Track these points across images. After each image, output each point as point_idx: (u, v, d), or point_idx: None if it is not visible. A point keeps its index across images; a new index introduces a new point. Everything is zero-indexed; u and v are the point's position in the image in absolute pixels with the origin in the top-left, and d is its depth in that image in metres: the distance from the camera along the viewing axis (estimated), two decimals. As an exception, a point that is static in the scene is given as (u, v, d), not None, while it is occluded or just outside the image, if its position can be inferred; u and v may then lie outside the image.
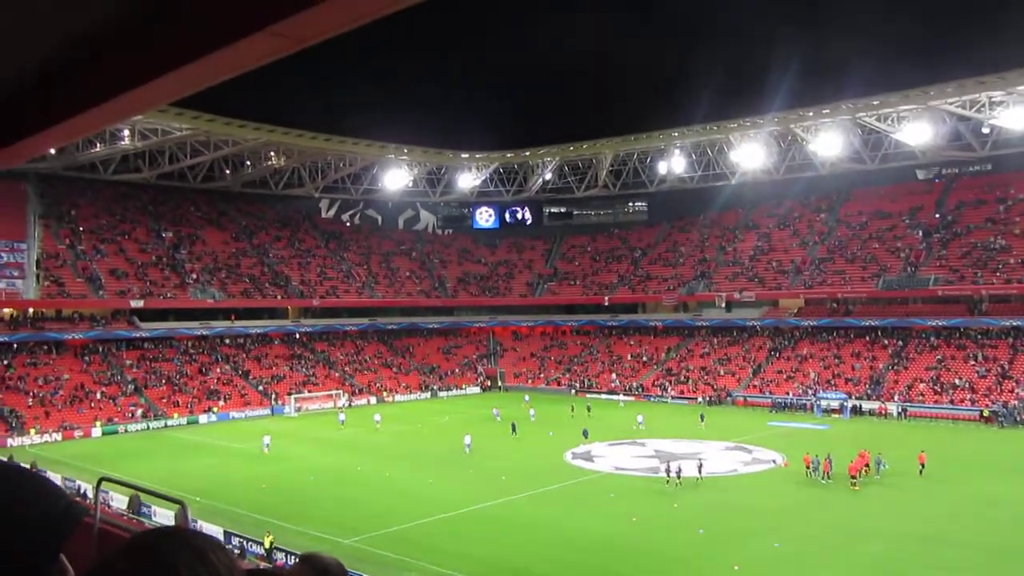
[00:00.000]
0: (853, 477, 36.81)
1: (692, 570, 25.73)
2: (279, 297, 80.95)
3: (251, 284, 79.95)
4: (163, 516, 30.94)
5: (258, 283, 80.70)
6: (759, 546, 28.15)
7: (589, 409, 62.68)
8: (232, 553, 1.61)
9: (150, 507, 32.79)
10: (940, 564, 25.75)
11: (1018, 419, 56.14)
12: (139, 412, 62.48)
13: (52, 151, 69.38)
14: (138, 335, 71.24)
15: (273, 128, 76.04)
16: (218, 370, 72.56)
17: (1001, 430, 54.41)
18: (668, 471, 38.38)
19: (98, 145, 72.56)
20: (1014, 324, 65.74)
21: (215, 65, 3.16)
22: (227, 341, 77.24)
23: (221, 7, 2.95)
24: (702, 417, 58.35)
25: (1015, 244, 69.58)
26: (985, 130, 72.23)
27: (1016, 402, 58.09)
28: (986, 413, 57.51)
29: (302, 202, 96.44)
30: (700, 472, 39.03)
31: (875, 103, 72.87)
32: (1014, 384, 60.72)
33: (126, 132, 71.83)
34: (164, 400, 65.28)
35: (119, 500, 32.77)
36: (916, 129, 72.88)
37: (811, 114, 76.65)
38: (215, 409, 65.77)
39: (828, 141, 77.83)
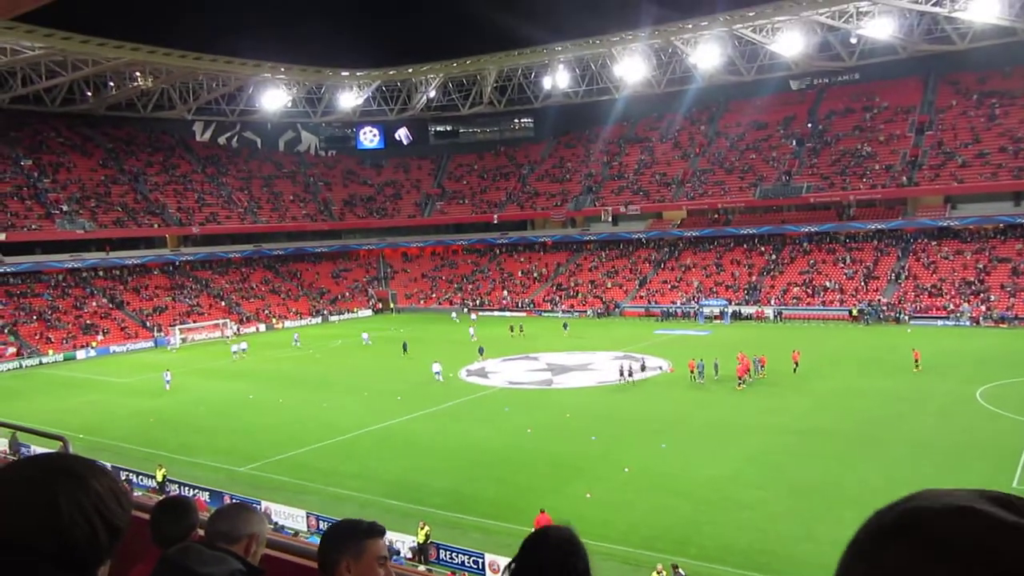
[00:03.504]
0: (740, 378, 38.95)
1: (586, 476, 26.79)
2: (156, 226, 77.57)
3: (124, 213, 76.15)
4: (46, 457, 29.80)
5: (132, 212, 76.94)
6: (647, 448, 29.52)
7: (521, 329, 62.43)
8: (118, 478, 1.56)
9: (29, 447, 31.54)
10: (811, 452, 27.69)
11: (882, 316, 60.21)
12: (10, 350, 59.37)
13: None
14: (2, 270, 67.13)
15: (137, 46, 70.83)
16: (94, 303, 69.43)
17: (867, 327, 58.28)
18: (622, 373, 41.38)
19: (-61, 66, 66.58)
20: (878, 227, 69.93)
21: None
22: (101, 273, 73.80)
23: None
24: (565, 326, 61.91)
25: (880, 151, 73.32)
26: (853, 40, 74.92)
27: (880, 300, 62.19)
28: (854, 312, 61.39)
29: (174, 125, 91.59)
30: (643, 371, 42.85)
31: (751, 14, 74.21)
32: (879, 284, 64.91)
33: (-30, 52, 65.99)
34: (37, 337, 62.17)
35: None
36: (789, 40, 74.87)
37: (690, 26, 77.46)
38: (94, 344, 63.13)
39: (707, 53, 79.08)
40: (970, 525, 0.67)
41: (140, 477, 28.20)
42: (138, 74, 78.28)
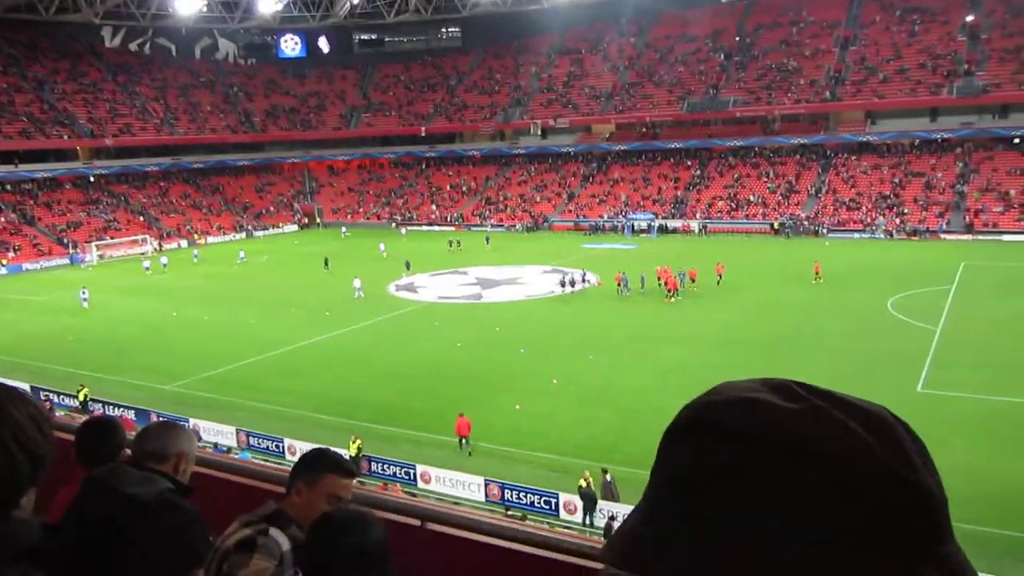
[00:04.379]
0: (671, 292, 39.72)
1: (515, 388, 27.29)
2: (66, 137, 73.89)
3: (30, 123, 72.26)
4: (-40, 378, 28.89)
5: (38, 122, 73.07)
6: (575, 360, 30.13)
7: (459, 244, 61.90)
8: (38, 403, 1.51)
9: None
10: (732, 362, 28.65)
11: (802, 230, 61.89)
12: (-86, 270, 56.70)
13: None
14: (-100, 184, 63.47)
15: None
16: (2, 219, 66.36)
17: (788, 240, 59.92)
18: (563, 283, 43.19)
19: None
20: (802, 142, 71.21)
21: None
22: (8, 187, 70.38)
23: None
24: (487, 240, 63.16)
25: (806, 65, 74.06)
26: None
27: (801, 214, 63.81)
28: (775, 225, 62.92)
29: (80, 29, 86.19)
30: (584, 282, 43.75)
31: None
32: (799, 198, 66.48)
33: None
34: (-58, 255, 59.39)
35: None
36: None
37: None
38: (4, 261, 60.58)
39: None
40: (749, 413, 0.74)
41: (61, 397, 27.61)
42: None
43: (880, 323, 33.63)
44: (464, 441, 22.73)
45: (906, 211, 60.91)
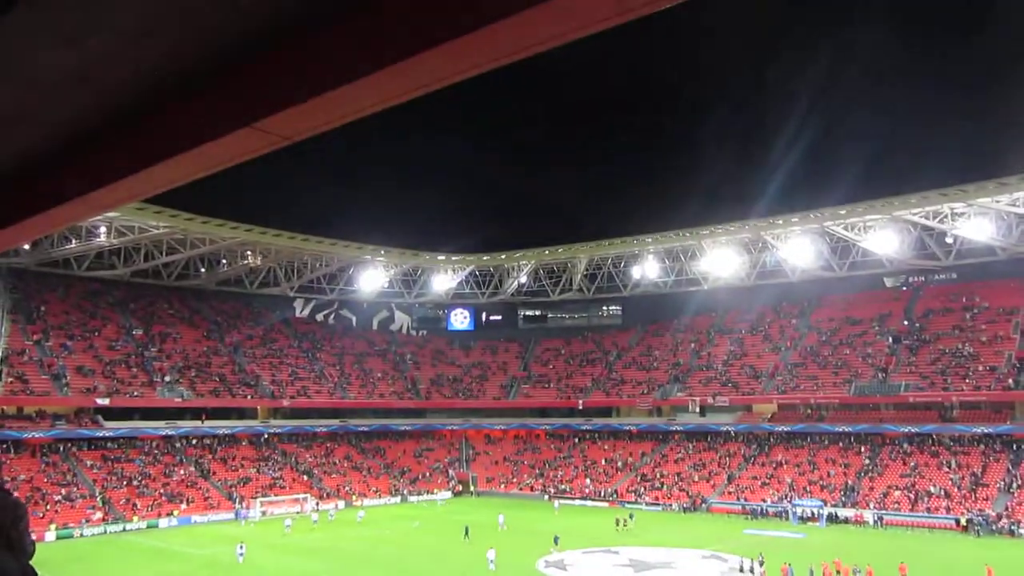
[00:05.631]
0: None
1: None
2: (249, 397, 79.67)
3: (220, 383, 78.73)
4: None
5: (228, 383, 79.51)
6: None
7: (629, 520, 58.94)
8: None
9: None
10: None
11: (994, 528, 55.71)
12: (97, 515, 60.28)
13: (26, 246, 69.19)
14: (101, 435, 69.46)
15: (251, 227, 76.42)
16: (182, 471, 70.58)
17: (978, 539, 53.87)
18: (742, 568, 41.86)
19: (73, 241, 72.51)
20: (985, 431, 66.08)
21: (202, 159, 3.21)
22: (193, 442, 75.52)
23: (209, 102, 3.02)
24: (622, 521, 57.68)
25: (982, 351, 70.58)
26: (949, 240, 74.27)
27: (991, 510, 57.78)
28: (963, 521, 57.06)
29: (277, 301, 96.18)
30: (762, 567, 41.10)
31: (842, 212, 74.94)
32: (988, 492, 60.57)
33: (103, 229, 71.88)
34: (124, 503, 63.13)
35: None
36: (882, 238, 74.81)
37: (780, 222, 78.53)
38: (176, 512, 63.62)
39: (797, 248, 79.54)
40: None
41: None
42: (249, 253, 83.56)
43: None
44: None
45: (1119, 514, 53.98)
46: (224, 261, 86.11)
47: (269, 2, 2.59)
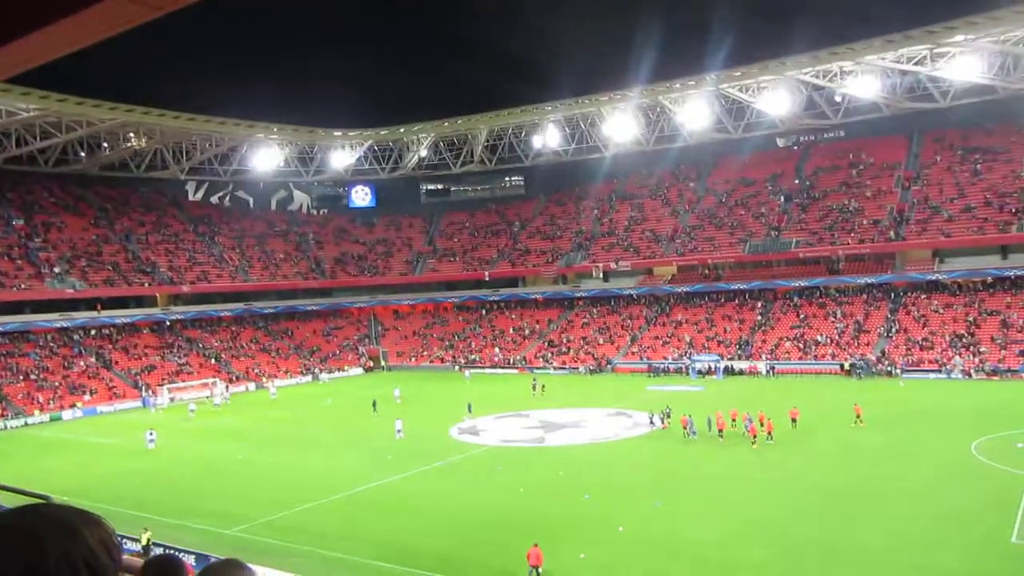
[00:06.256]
0: (754, 437, 38.22)
1: (581, 535, 26.33)
2: (146, 285, 77.27)
3: (115, 272, 75.95)
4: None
5: (122, 271, 76.76)
6: (642, 506, 29.11)
7: (544, 388, 59.86)
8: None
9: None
10: (810, 511, 27.33)
11: (874, 370, 60.15)
12: (-4, 413, 58.61)
13: None
14: (-10, 330, 66.68)
15: (131, 108, 71.48)
16: (82, 363, 68.81)
17: (860, 381, 58.14)
18: (652, 421, 43.82)
19: (-67, 127, 67.01)
20: (868, 281, 70.35)
21: (63, 33, 2.92)
22: (92, 333, 73.37)
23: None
24: (534, 387, 59.88)
25: (867, 206, 74.13)
26: (837, 99, 76.27)
27: (872, 355, 62.20)
28: (846, 366, 61.34)
29: (167, 185, 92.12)
30: (668, 418, 43.52)
31: (736, 74, 75.62)
32: (869, 337, 65.03)
33: (-36, 113, 66.44)
34: (23, 397, 61.45)
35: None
36: (775, 98, 76.18)
37: (677, 86, 78.81)
38: (80, 404, 62.41)
39: (694, 112, 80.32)
40: None
41: (125, 540, 27.56)
42: (132, 135, 78.88)
43: (965, 468, 31.85)
44: (536, 572, 21.99)
45: (983, 350, 58.91)
46: (106, 144, 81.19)
47: None
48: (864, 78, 71.40)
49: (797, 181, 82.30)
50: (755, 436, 38.13)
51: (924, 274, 68.46)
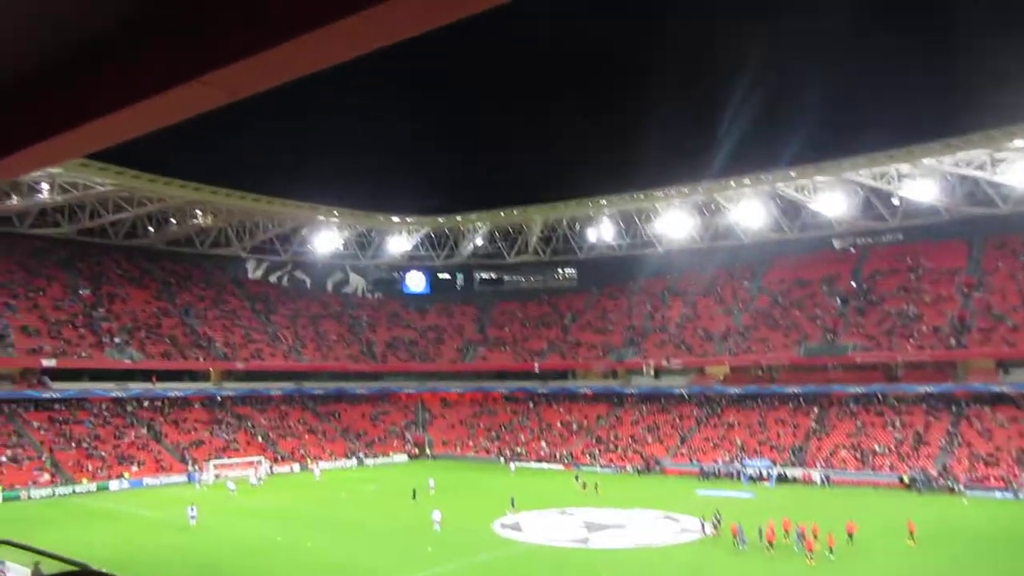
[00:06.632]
0: (810, 552, 36.15)
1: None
2: (201, 359, 78.58)
3: (172, 345, 77.50)
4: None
5: (179, 344, 78.28)
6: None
7: (593, 485, 58.44)
8: None
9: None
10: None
11: (935, 485, 57.59)
12: (45, 477, 59.31)
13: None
14: (48, 396, 68.13)
15: (200, 186, 74.70)
16: (133, 434, 69.67)
17: (920, 496, 55.64)
18: (703, 527, 41.79)
19: (14, 197, 70.29)
20: (928, 391, 68.12)
21: (144, 114, 3.00)
22: (145, 404, 74.49)
23: (152, 55, 2.80)
24: (580, 484, 58.88)
25: (927, 312, 72.44)
26: (895, 201, 75.76)
27: (932, 468, 59.67)
28: (905, 479, 58.88)
29: (229, 262, 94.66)
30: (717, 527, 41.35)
31: (792, 174, 75.85)
32: (930, 450, 62.53)
33: (45, 185, 69.76)
34: (73, 465, 62.18)
35: (19, 573, 30.72)
36: (831, 200, 75.99)
37: (732, 184, 79.24)
38: (127, 475, 62.88)
39: (750, 211, 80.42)
40: None
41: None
42: (199, 212, 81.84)
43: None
44: None
45: (1053, 470, 56.11)
46: (174, 220, 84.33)
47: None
48: (922, 181, 71.01)
49: (854, 284, 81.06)
50: (811, 550, 36.31)
51: (988, 385, 66.11)
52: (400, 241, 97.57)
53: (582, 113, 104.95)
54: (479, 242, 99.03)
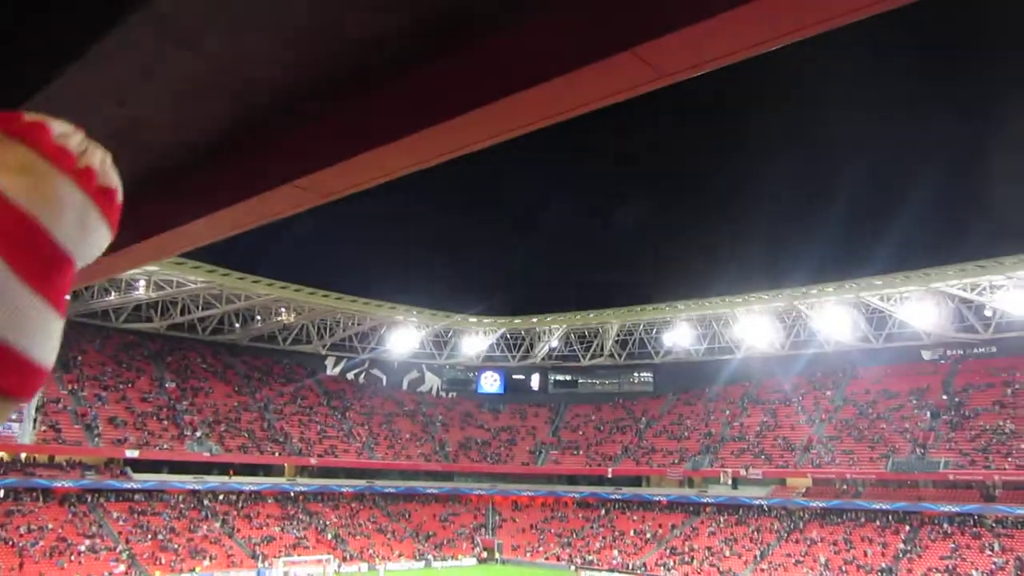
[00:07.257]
0: None
1: None
2: (277, 454, 79.54)
3: (249, 439, 78.80)
4: None
5: (256, 439, 79.55)
6: None
7: None
8: None
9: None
10: None
11: (1040, 617, 53.43)
12: (120, 568, 60.05)
13: (67, 296, 70.52)
14: (129, 487, 69.63)
15: (286, 285, 77.49)
16: (206, 527, 70.28)
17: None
18: None
19: (112, 293, 73.90)
20: (1030, 514, 63.93)
21: (242, 215, 3.26)
22: (220, 498, 75.30)
23: (251, 159, 3.08)
24: None
25: (1025, 430, 68.71)
26: (988, 313, 73.08)
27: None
28: (1006, 609, 54.80)
29: (308, 358, 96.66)
30: None
31: (878, 283, 74.20)
32: (1033, 578, 58.27)
33: (142, 282, 73.27)
34: (148, 557, 62.86)
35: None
36: (919, 309, 73.81)
37: (815, 292, 77.86)
38: (198, 569, 63.17)
39: (832, 319, 78.62)
40: None
41: None
42: (283, 310, 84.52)
43: None
44: None
45: None
46: (258, 317, 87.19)
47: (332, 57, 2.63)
48: (1016, 293, 68.48)
49: (945, 397, 77.60)
50: None
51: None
52: (476, 341, 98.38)
53: (671, 230, 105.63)
54: (554, 344, 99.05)
